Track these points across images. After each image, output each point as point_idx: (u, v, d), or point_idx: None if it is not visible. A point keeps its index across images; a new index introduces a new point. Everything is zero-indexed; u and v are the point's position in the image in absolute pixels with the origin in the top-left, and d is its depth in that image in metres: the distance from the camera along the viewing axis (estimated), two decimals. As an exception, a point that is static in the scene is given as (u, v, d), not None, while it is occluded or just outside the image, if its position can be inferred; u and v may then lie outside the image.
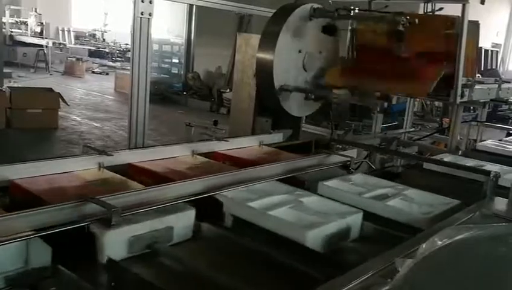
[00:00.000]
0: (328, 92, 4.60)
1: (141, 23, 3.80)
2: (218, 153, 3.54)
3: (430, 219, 2.48)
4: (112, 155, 3.07)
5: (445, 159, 3.88)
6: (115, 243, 2.03)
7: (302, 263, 2.04)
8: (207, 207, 2.45)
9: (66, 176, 2.72)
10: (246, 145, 3.85)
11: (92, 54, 25.70)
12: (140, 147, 3.83)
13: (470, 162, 3.75)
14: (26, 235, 1.89)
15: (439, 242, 1.87)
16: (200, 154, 3.41)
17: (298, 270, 2.02)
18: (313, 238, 2.22)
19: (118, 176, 2.80)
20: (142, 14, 3.78)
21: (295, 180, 3.03)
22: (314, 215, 2.44)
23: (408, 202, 2.77)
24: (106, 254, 1.99)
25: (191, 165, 3.20)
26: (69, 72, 20.66)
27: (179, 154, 3.35)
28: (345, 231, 2.40)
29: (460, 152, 4.43)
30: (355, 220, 2.48)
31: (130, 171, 2.97)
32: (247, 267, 2.14)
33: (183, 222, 2.28)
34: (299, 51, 4.40)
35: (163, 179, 2.71)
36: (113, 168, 2.93)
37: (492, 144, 4.74)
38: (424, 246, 1.83)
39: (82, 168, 2.84)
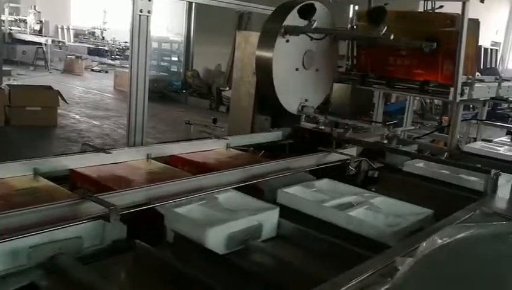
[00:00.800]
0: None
1: (140, 21, 3.78)
2: (177, 157, 3.40)
3: (395, 233, 2.29)
4: (111, 153, 3.08)
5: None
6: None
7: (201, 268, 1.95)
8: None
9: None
10: (211, 147, 3.71)
11: (91, 52, 25.65)
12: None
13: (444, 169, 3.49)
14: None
15: (440, 241, 1.87)
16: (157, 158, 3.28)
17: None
18: (214, 237, 2.10)
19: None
20: (141, 12, 3.76)
21: (254, 188, 2.82)
22: (221, 212, 2.32)
23: (373, 212, 2.56)
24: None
25: (145, 171, 3.05)
26: (68, 70, 20.63)
27: (134, 158, 3.22)
28: (255, 229, 2.27)
29: (446, 154, 4.40)
30: (268, 217, 2.36)
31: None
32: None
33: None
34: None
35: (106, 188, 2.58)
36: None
37: (480, 146, 4.66)
38: (424, 244, 1.82)
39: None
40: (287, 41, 4.31)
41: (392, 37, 3.95)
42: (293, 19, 4.26)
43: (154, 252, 2.04)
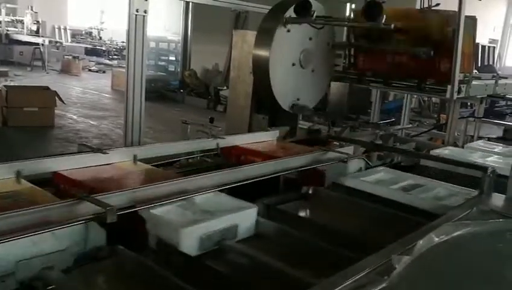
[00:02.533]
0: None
1: (136, 21, 3.79)
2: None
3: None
4: (108, 153, 3.06)
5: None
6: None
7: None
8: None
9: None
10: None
11: (88, 52, 25.60)
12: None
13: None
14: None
15: (436, 239, 1.87)
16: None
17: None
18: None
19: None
20: (137, 12, 3.76)
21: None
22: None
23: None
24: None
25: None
26: (66, 70, 20.59)
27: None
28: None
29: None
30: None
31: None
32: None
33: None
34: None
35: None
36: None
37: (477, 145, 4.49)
38: (421, 242, 1.82)
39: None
40: (288, 31, 4.29)
41: (392, 26, 3.97)
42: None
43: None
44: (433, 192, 3.00)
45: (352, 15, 4.83)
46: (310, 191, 3.01)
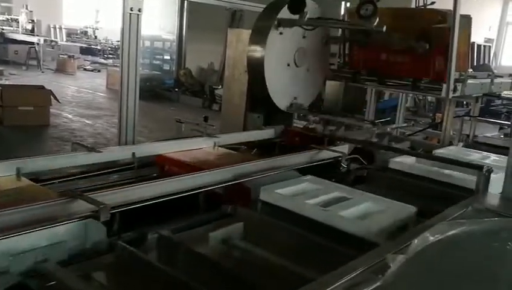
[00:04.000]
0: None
1: (130, 19, 3.78)
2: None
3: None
4: (101, 152, 3.06)
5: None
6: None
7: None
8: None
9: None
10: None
11: (83, 51, 25.54)
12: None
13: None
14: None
15: (431, 238, 1.86)
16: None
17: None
18: None
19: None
20: (131, 10, 3.75)
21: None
22: None
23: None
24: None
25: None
26: (61, 69, 20.53)
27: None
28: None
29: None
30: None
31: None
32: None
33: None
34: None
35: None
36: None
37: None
38: (416, 241, 1.81)
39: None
40: (280, 33, 4.30)
41: (384, 29, 3.96)
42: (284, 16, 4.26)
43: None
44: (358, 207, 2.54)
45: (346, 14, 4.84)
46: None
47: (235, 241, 2.27)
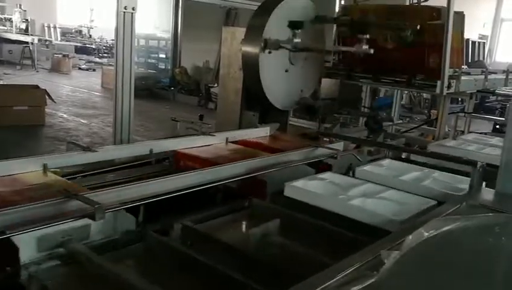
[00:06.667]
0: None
1: (124, 18, 3.77)
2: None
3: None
4: (97, 151, 3.06)
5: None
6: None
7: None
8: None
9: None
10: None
11: (78, 50, 25.47)
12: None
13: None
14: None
15: (426, 234, 1.86)
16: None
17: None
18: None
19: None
20: (125, 9, 3.75)
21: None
22: None
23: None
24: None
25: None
26: (56, 68, 20.48)
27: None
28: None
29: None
30: None
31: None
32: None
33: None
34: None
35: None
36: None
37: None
38: (410, 237, 1.82)
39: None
40: (269, 52, 4.32)
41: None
42: (276, 18, 4.27)
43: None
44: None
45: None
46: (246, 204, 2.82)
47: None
